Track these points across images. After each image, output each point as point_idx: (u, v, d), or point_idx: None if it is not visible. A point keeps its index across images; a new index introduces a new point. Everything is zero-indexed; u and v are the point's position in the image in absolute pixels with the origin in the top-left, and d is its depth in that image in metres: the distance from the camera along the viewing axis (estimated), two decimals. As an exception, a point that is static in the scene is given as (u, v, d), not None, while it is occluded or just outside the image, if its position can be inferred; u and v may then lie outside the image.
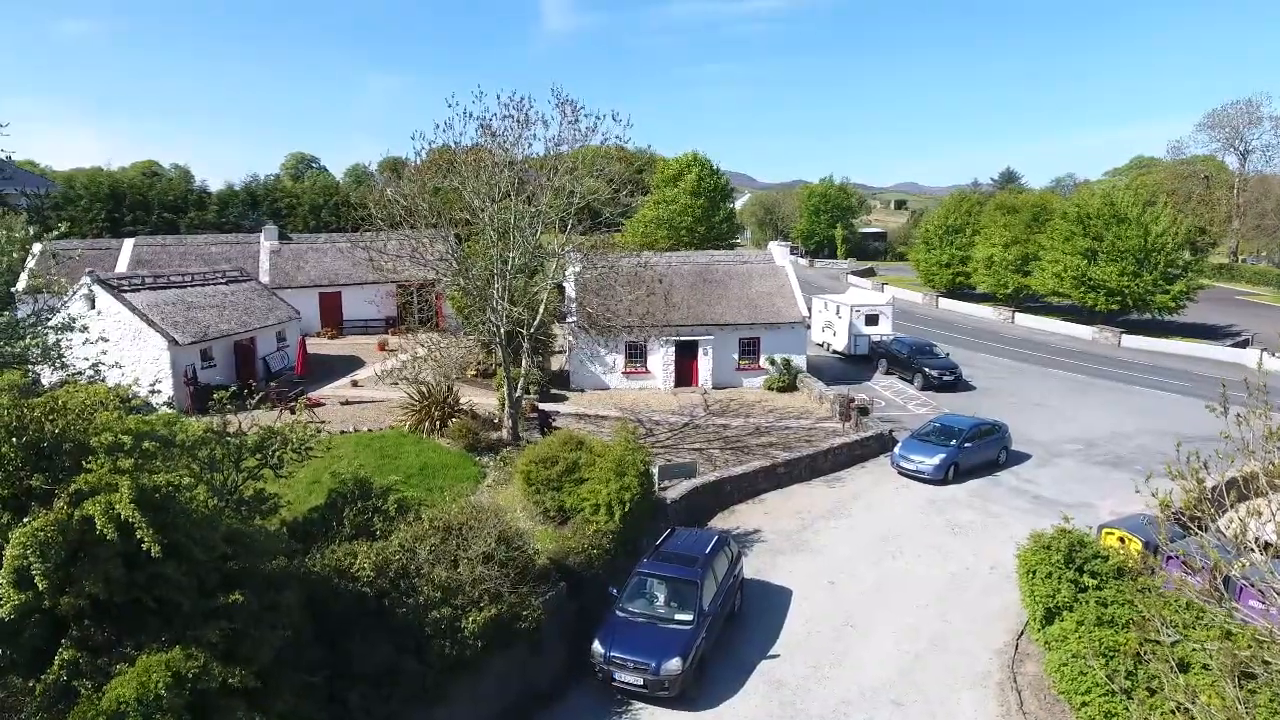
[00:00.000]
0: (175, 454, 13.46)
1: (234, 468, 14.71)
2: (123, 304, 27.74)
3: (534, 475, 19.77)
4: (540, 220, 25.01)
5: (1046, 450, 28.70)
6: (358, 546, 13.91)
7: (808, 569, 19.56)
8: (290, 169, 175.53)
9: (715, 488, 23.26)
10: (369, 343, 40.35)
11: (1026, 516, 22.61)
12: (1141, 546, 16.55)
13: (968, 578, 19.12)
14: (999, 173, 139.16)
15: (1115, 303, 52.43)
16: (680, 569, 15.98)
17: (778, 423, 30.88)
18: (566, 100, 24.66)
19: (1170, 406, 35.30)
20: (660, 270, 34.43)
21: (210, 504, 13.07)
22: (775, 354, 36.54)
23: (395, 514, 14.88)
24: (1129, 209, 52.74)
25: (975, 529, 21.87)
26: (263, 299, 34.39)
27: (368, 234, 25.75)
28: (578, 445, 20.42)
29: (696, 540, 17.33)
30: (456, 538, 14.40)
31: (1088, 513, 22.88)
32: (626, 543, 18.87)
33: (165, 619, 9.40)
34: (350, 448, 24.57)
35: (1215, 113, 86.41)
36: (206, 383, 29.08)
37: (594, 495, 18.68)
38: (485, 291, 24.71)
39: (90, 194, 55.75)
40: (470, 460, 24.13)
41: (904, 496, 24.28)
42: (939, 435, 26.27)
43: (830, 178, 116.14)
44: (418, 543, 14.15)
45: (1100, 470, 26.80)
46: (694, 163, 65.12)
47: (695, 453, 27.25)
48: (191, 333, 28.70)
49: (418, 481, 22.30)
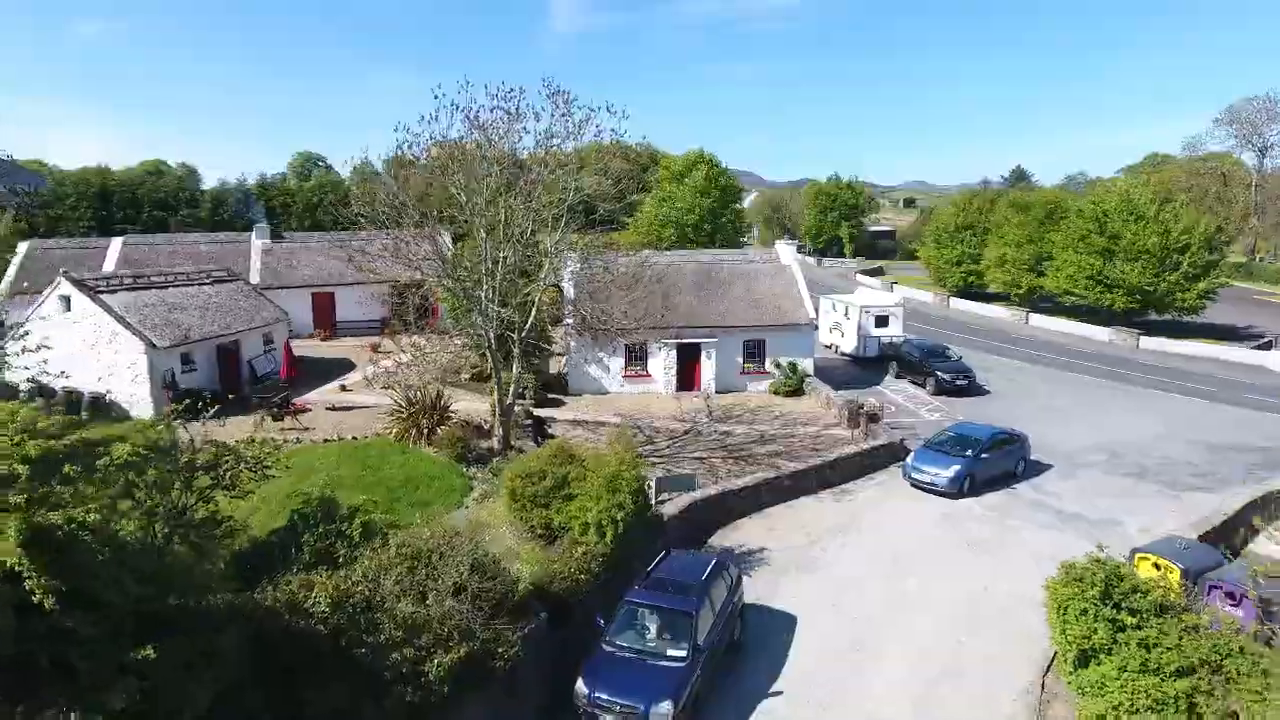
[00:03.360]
0: (113, 475, 12.23)
1: (185, 488, 13.43)
2: (99, 305, 26.56)
3: (520, 491, 18.44)
4: (533, 218, 23.68)
5: (1067, 460, 27.18)
6: (316, 577, 12.61)
7: (814, 593, 18.16)
8: (297, 168, 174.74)
9: (716, 502, 21.89)
10: (362, 345, 39.13)
11: (1048, 533, 21.17)
12: (1180, 575, 15.10)
13: (986, 602, 17.66)
14: (1009, 171, 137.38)
15: (1135, 301, 50.75)
16: (674, 599, 14.61)
17: (783, 430, 29.48)
18: (558, 91, 23.35)
19: (1195, 412, 33.72)
20: (659, 269, 33.04)
21: (146, 534, 11.83)
22: (781, 357, 35.15)
23: (360, 540, 13.56)
24: (1147, 206, 51.05)
25: (993, 547, 20.40)
26: (249, 300, 33.18)
27: (361, 233, 24.47)
28: (568, 458, 19.06)
29: (693, 564, 15.96)
30: (426, 566, 13.08)
31: (1115, 530, 21.44)
32: (618, 564, 17.52)
33: (65, 679, 8.11)
34: (333, 458, 23.34)
35: (1233, 108, 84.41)
36: (188, 387, 27.86)
37: (583, 513, 17.34)
38: (473, 293, 23.39)
39: (79, 192, 54.57)
40: (458, 471, 22.84)
41: (916, 511, 22.84)
42: (954, 445, 24.80)
43: (838, 176, 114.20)
44: (383, 572, 12.85)
45: (1125, 482, 25.28)
46: (700, 160, 63.58)
47: (697, 462, 25.89)
48: (171, 335, 27.50)
49: (400, 494, 21.05)
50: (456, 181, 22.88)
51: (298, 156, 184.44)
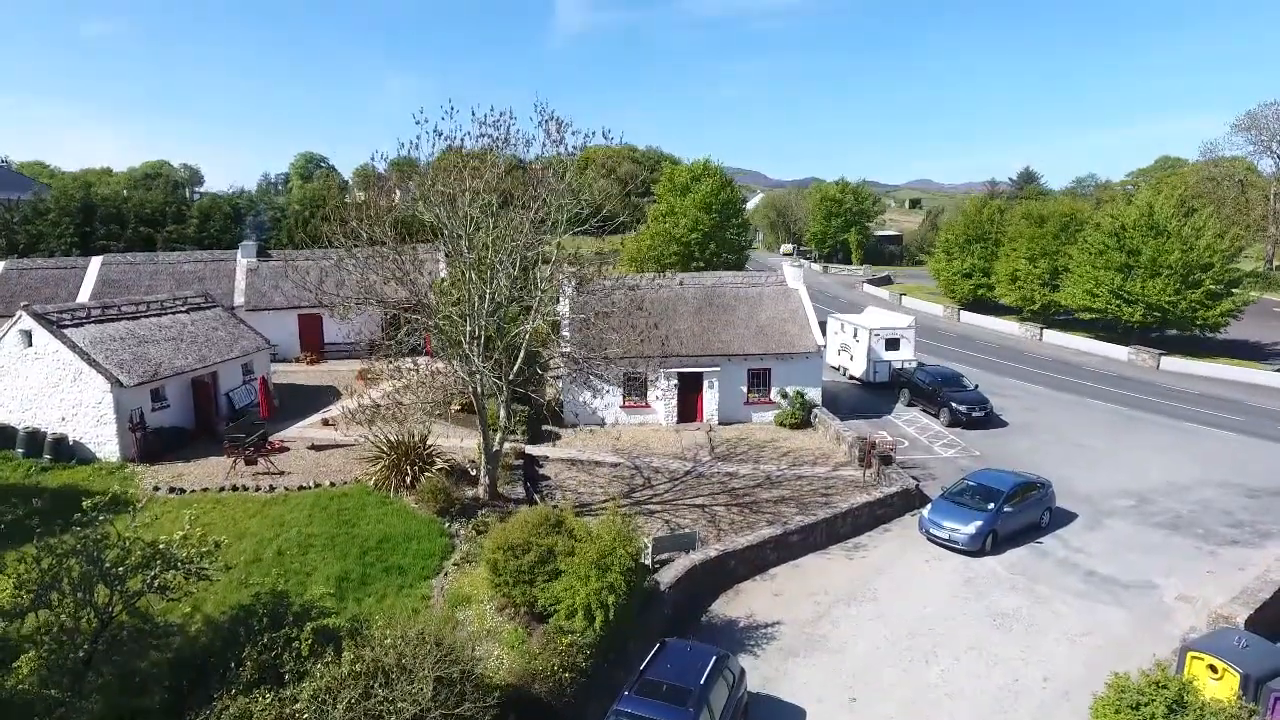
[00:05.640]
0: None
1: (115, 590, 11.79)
2: (61, 342, 24.93)
3: (501, 565, 16.78)
4: (532, 230, 21.84)
5: (1094, 507, 25.41)
6: (255, 702, 10.97)
7: (824, 678, 16.45)
8: (300, 169, 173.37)
9: (717, 565, 20.18)
10: (349, 370, 37.40)
11: (1082, 602, 19.43)
12: (1239, 681, 13.32)
13: (1018, 694, 15.91)
14: (1017, 173, 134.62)
15: (1154, 318, 48.84)
16: (669, 710, 12.90)
17: (790, 470, 27.73)
18: (551, 117, 21.67)
19: (1226, 448, 31.82)
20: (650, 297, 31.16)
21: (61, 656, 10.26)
22: (787, 386, 33.41)
23: (308, 653, 11.86)
24: (1169, 221, 49.11)
25: (1022, 620, 18.64)
26: (227, 328, 31.53)
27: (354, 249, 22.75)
28: (554, 526, 17.38)
29: (690, 662, 14.20)
30: (384, 685, 11.41)
31: (1150, 598, 19.74)
32: (611, 650, 15.89)
33: None
34: (305, 510, 21.67)
35: (1251, 114, 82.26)
36: (158, 426, 26.31)
37: (570, 594, 15.69)
38: (457, 337, 21.68)
39: (60, 208, 52.65)
40: (439, 528, 21.12)
41: (935, 573, 21.09)
42: (974, 497, 23.03)
43: (844, 180, 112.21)
44: (333, 695, 11.19)
45: (1159, 535, 23.49)
46: (705, 172, 61.57)
47: (698, 511, 24.18)
48: (139, 372, 25.85)
49: (374, 560, 19.37)
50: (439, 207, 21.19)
51: (300, 157, 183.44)
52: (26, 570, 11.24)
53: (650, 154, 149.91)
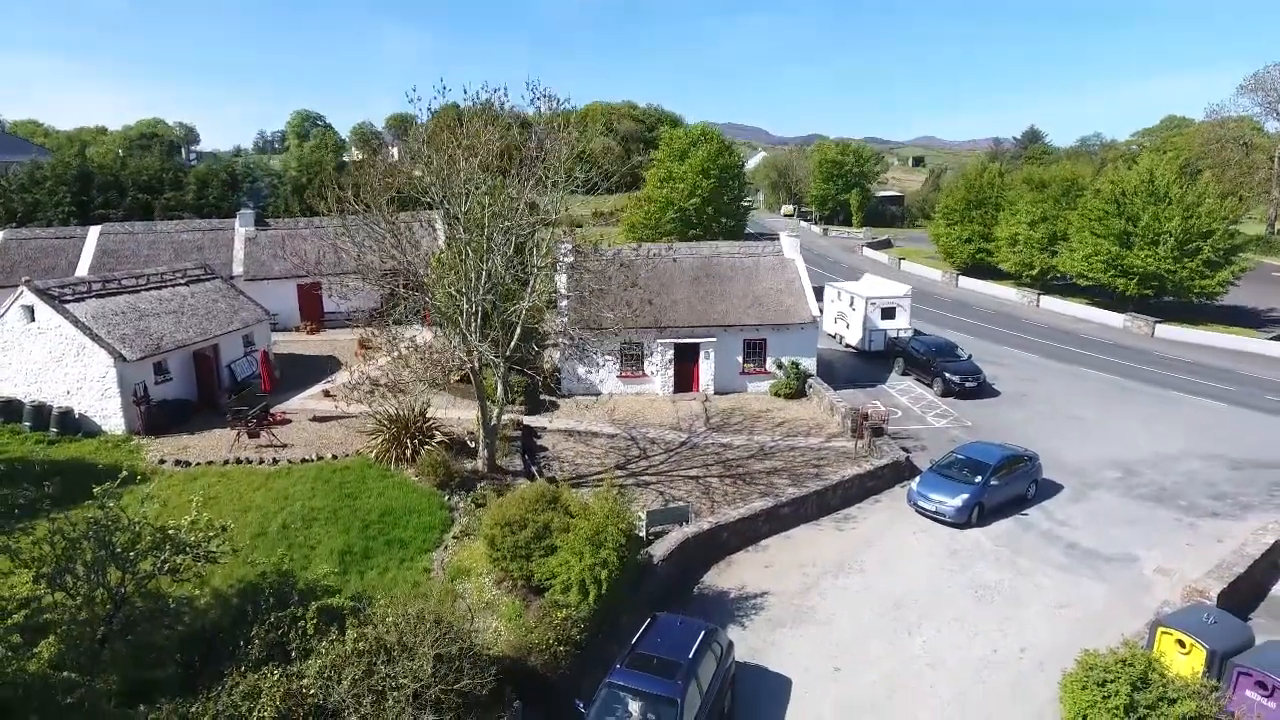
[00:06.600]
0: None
1: (127, 572, 12.29)
2: (64, 317, 25.22)
3: (499, 540, 17.31)
4: (532, 191, 21.95)
5: (1081, 479, 25.93)
6: (264, 679, 11.55)
7: (811, 648, 17.11)
8: (296, 127, 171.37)
9: (709, 538, 20.75)
10: (349, 339, 37.72)
11: (1062, 575, 20.04)
12: (1206, 657, 13.90)
13: (995, 666, 16.55)
14: (1022, 132, 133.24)
15: (1149, 288, 49.00)
16: (658, 682, 13.51)
17: (784, 441, 28.23)
18: (544, 94, 21.65)
19: (1214, 419, 32.25)
20: (647, 268, 31.30)
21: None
22: (783, 357, 33.76)
23: (314, 631, 12.43)
24: (1170, 187, 48.90)
25: (1003, 593, 19.25)
26: (227, 300, 31.78)
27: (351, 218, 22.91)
28: (550, 503, 17.90)
29: (680, 636, 14.80)
30: (386, 663, 11.98)
31: (1130, 571, 20.34)
32: (605, 623, 16.50)
33: None
34: (308, 483, 22.19)
35: (1258, 76, 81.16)
36: (162, 399, 26.74)
37: (565, 570, 16.25)
38: (453, 314, 21.96)
39: (56, 175, 52.39)
40: (439, 501, 21.67)
41: (922, 545, 21.68)
42: (962, 470, 23.53)
43: (845, 141, 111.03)
44: (338, 672, 11.76)
45: (1143, 507, 24.03)
46: (703, 137, 61.05)
47: (692, 482, 24.73)
48: (142, 346, 26.19)
49: (376, 532, 19.94)
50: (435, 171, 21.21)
51: (296, 115, 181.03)
52: (41, 554, 11.73)
53: (651, 111, 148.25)
